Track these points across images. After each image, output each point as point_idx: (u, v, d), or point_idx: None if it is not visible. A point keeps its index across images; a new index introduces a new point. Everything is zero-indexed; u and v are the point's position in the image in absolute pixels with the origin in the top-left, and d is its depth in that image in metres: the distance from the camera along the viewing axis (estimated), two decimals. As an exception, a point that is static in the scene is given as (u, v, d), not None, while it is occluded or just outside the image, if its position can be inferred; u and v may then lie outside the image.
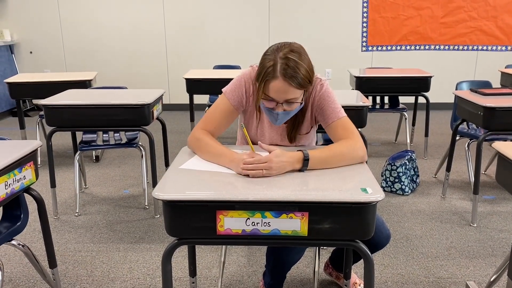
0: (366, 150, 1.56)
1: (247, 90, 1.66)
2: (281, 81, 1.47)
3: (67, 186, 3.41)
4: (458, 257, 2.38)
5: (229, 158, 1.47)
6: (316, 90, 1.64)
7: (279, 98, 1.51)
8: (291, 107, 1.55)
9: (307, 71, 1.48)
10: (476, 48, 5.71)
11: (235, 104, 1.66)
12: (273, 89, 1.50)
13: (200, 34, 5.82)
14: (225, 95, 1.67)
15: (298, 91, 1.51)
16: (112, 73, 5.89)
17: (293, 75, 1.45)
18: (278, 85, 1.48)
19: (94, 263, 2.35)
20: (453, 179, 3.49)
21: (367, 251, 1.28)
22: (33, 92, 3.80)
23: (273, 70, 1.47)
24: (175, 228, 1.28)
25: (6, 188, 1.54)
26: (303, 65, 1.48)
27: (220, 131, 1.68)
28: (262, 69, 1.51)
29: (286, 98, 1.51)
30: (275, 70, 1.47)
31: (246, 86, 1.66)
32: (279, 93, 1.50)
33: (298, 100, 1.54)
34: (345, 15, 5.69)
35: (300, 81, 1.47)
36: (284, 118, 1.60)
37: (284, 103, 1.53)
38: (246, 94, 1.67)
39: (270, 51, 1.52)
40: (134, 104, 2.65)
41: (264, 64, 1.51)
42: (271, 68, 1.47)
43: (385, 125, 5.23)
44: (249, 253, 2.43)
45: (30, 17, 5.82)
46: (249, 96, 1.67)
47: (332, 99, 1.64)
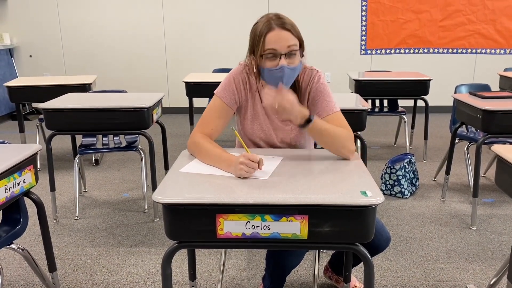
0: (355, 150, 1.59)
1: (237, 86, 1.68)
2: (279, 29, 1.53)
3: (66, 190, 3.41)
4: (458, 260, 2.38)
5: (227, 162, 1.47)
6: (314, 80, 1.66)
7: (281, 47, 1.53)
8: (293, 60, 1.56)
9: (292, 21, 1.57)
10: (475, 51, 5.73)
11: (228, 102, 1.68)
12: (272, 40, 1.53)
13: (199, 37, 5.83)
14: (217, 95, 1.69)
15: (295, 39, 1.55)
16: (112, 77, 5.90)
17: (288, 22, 1.54)
18: (277, 34, 1.53)
19: (94, 266, 2.35)
20: (452, 182, 3.49)
21: (367, 254, 1.28)
22: (32, 96, 3.80)
23: (267, 25, 1.54)
24: (175, 232, 1.28)
25: (6, 192, 1.54)
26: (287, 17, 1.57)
27: (218, 132, 1.69)
28: (256, 31, 1.57)
29: (287, 45, 1.53)
30: (270, 24, 1.54)
31: (236, 82, 1.68)
32: (280, 41, 1.53)
33: (298, 48, 1.56)
34: (344, 19, 5.71)
35: (295, 28, 1.55)
36: (290, 74, 1.57)
37: (286, 56, 1.54)
38: (237, 90, 1.68)
39: (257, 20, 1.60)
40: (133, 108, 2.65)
41: (257, 27, 1.57)
42: (265, 24, 1.54)
43: (384, 128, 5.24)
44: (249, 257, 2.43)
45: (29, 21, 5.83)
46: (240, 92, 1.69)
47: (327, 92, 1.66)
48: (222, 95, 1.68)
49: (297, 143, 1.75)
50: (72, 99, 2.90)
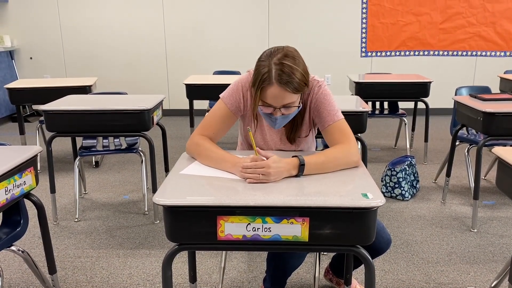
0: (360, 154, 1.57)
1: (244, 94, 1.66)
2: (277, 87, 1.47)
3: (66, 192, 3.41)
4: (459, 262, 2.38)
5: (231, 162, 1.47)
6: (314, 91, 1.65)
7: (276, 104, 1.52)
8: (289, 110, 1.55)
9: (302, 74, 1.49)
10: (475, 53, 5.73)
11: (233, 109, 1.66)
12: (269, 96, 1.50)
13: (200, 40, 5.84)
14: (223, 100, 1.67)
15: (295, 96, 1.51)
16: (112, 79, 5.90)
17: (288, 80, 1.46)
18: (274, 92, 1.48)
19: (94, 269, 2.34)
20: (453, 184, 3.49)
21: (368, 256, 1.28)
22: (33, 98, 3.80)
23: (268, 77, 1.47)
24: (176, 234, 1.28)
25: (6, 194, 1.54)
26: (298, 69, 1.48)
27: (218, 136, 1.68)
28: (257, 76, 1.51)
29: (283, 103, 1.51)
30: (270, 77, 1.47)
31: (243, 91, 1.66)
32: (276, 99, 1.50)
33: (296, 104, 1.55)
34: (345, 21, 5.72)
35: (296, 86, 1.47)
36: (283, 122, 1.60)
37: (282, 108, 1.53)
38: (244, 98, 1.67)
39: (264, 57, 1.53)
40: (134, 110, 2.65)
41: (259, 71, 1.51)
42: (266, 75, 1.47)
43: (385, 130, 5.24)
44: (249, 259, 2.42)
45: (30, 23, 5.84)
46: (246, 101, 1.67)
47: (329, 101, 1.63)
48: (227, 101, 1.66)
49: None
50: (72, 101, 2.90)
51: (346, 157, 1.52)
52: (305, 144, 1.76)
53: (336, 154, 1.53)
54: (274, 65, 1.47)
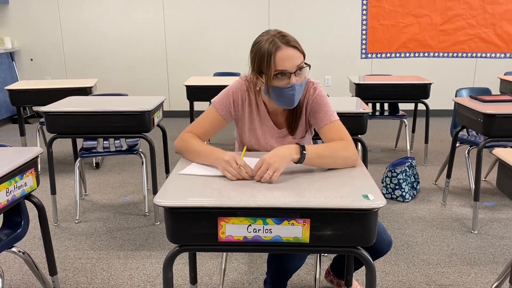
0: (358, 156, 1.57)
1: (235, 100, 1.68)
2: (287, 48, 1.50)
3: (67, 193, 3.41)
4: (459, 264, 2.38)
5: (215, 155, 1.49)
6: (310, 93, 1.66)
7: (291, 66, 1.51)
8: (301, 77, 1.55)
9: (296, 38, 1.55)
10: (475, 55, 5.74)
11: (223, 114, 1.68)
12: (282, 59, 1.50)
13: (200, 41, 5.84)
14: (214, 105, 1.69)
15: (302, 56, 1.54)
16: (113, 80, 5.91)
17: (292, 39, 1.52)
18: (286, 53, 1.50)
19: (94, 270, 2.34)
20: (453, 185, 3.49)
21: (369, 258, 1.28)
22: (33, 99, 3.81)
23: (274, 44, 1.50)
24: (177, 235, 1.28)
25: (7, 195, 1.54)
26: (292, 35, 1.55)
27: (206, 137, 1.70)
28: (262, 52, 1.52)
29: (297, 64, 1.52)
30: (276, 44, 1.50)
31: (234, 96, 1.68)
32: (290, 60, 1.51)
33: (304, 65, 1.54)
34: (345, 23, 5.72)
35: (300, 45, 1.53)
36: (299, 92, 1.57)
37: (297, 73, 1.53)
38: (234, 104, 1.68)
39: (259, 38, 1.56)
40: (134, 111, 2.66)
41: (261, 48, 1.53)
42: (271, 44, 1.51)
43: (385, 131, 5.24)
44: (250, 260, 2.42)
45: (30, 25, 5.84)
46: (237, 106, 1.69)
47: (325, 102, 1.65)
48: (218, 107, 1.68)
49: None
50: (73, 102, 2.90)
51: (345, 151, 1.52)
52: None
53: (336, 146, 1.54)
54: (274, 36, 1.52)
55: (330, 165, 1.51)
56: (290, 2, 5.66)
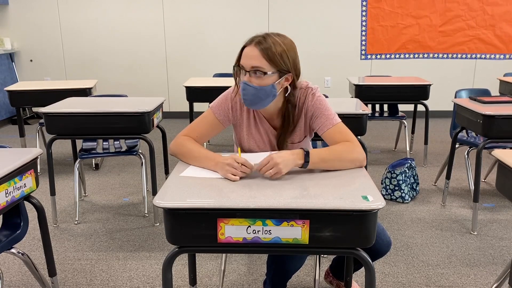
0: (365, 154, 1.56)
1: (233, 105, 1.69)
2: (251, 47, 1.53)
3: (66, 194, 3.41)
4: (459, 265, 2.38)
5: (214, 161, 1.49)
6: (308, 99, 1.65)
7: (246, 64, 1.54)
8: (259, 81, 1.53)
9: (283, 50, 1.52)
10: (474, 56, 5.74)
11: (221, 118, 1.69)
12: (244, 55, 1.55)
13: (200, 42, 5.85)
14: (212, 110, 1.69)
15: (266, 63, 1.51)
16: (112, 81, 5.91)
17: (264, 43, 1.51)
18: (247, 50, 1.54)
19: (94, 271, 2.34)
20: (453, 187, 3.49)
21: (369, 259, 1.28)
22: (33, 100, 3.81)
23: (247, 41, 1.54)
24: (176, 236, 1.28)
25: (6, 196, 1.54)
26: (280, 44, 1.52)
27: (203, 141, 1.70)
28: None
29: (251, 65, 1.52)
30: (252, 40, 1.53)
31: (233, 101, 1.69)
32: (247, 58, 1.54)
33: (265, 70, 1.52)
34: (344, 24, 5.73)
35: (269, 52, 1.50)
36: (249, 93, 1.54)
37: (251, 73, 1.53)
38: (232, 109, 1.69)
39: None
40: (134, 112, 2.66)
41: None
42: (249, 40, 1.54)
43: (385, 133, 5.24)
44: (249, 262, 2.42)
45: (30, 26, 5.84)
46: (236, 111, 1.69)
47: (325, 106, 1.64)
48: (216, 111, 1.69)
49: None
50: (72, 103, 2.90)
51: (350, 153, 1.53)
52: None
53: (341, 148, 1.54)
54: (256, 35, 1.55)
55: (336, 168, 1.51)
56: (289, 3, 5.66)
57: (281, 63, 1.53)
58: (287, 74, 1.56)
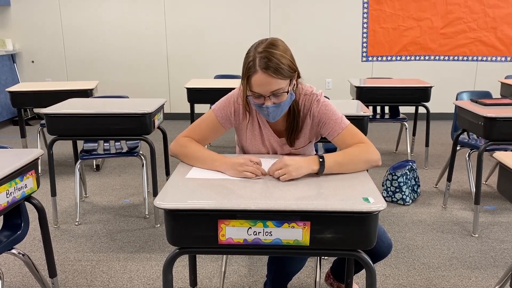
0: (379, 155, 1.56)
1: (236, 109, 1.67)
2: (262, 74, 1.48)
3: (67, 195, 3.41)
4: (460, 267, 2.37)
5: (221, 161, 1.50)
6: (314, 106, 1.64)
7: (264, 92, 1.51)
8: (279, 99, 1.53)
9: (288, 60, 1.51)
10: (476, 58, 5.74)
11: (223, 121, 1.67)
12: (255, 84, 1.50)
13: (201, 43, 5.85)
14: (214, 112, 1.68)
15: (281, 81, 1.50)
16: (114, 83, 5.91)
17: (272, 66, 1.47)
18: (259, 78, 1.49)
19: (94, 272, 2.34)
20: (454, 189, 3.49)
21: (369, 261, 1.28)
22: (34, 101, 3.81)
23: (253, 65, 1.49)
24: (177, 237, 1.28)
25: (7, 197, 1.54)
26: (283, 55, 1.50)
27: (204, 143, 1.69)
28: (243, 68, 1.53)
29: (270, 90, 1.51)
30: (255, 65, 1.49)
31: (235, 105, 1.67)
32: (262, 86, 1.50)
33: (285, 90, 1.53)
34: (346, 26, 5.73)
35: (281, 71, 1.48)
36: (276, 111, 1.56)
37: (271, 96, 1.52)
38: (235, 113, 1.67)
39: (250, 49, 1.55)
40: (135, 113, 2.66)
41: (245, 62, 1.53)
42: (251, 63, 1.50)
43: (386, 135, 5.24)
44: (250, 263, 2.42)
45: (32, 27, 5.85)
46: (238, 115, 1.68)
47: (332, 111, 1.63)
48: (218, 114, 1.67)
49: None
50: (74, 104, 2.90)
51: (365, 154, 1.53)
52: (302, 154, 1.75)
53: (355, 151, 1.54)
54: (258, 54, 1.49)
55: (352, 170, 1.51)
56: (291, 5, 5.67)
57: (290, 72, 1.52)
58: (294, 76, 1.57)
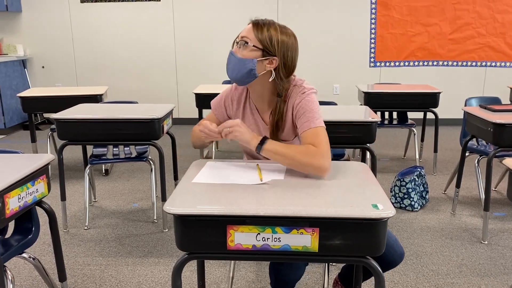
0: (329, 165, 1.48)
1: (226, 102, 1.80)
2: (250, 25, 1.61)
3: (76, 200, 3.44)
4: (469, 275, 2.35)
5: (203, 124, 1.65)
6: (296, 98, 1.63)
7: (238, 37, 1.62)
8: (242, 52, 1.59)
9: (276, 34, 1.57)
10: (484, 64, 5.71)
11: (220, 116, 1.83)
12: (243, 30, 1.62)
13: (209, 49, 5.88)
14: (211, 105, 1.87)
15: (253, 35, 1.57)
16: (123, 88, 5.96)
17: (261, 22, 1.59)
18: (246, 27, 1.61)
19: (103, 277, 2.35)
20: (462, 195, 3.46)
21: (378, 268, 1.27)
22: (45, 106, 3.85)
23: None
24: (186, 243, 1.29)
25: (19, 201, 1.56)
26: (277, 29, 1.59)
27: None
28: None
29: (242, 35, 1.60)
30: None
31: (226, 104, 1.80)
32: (242, 32, 1.62)
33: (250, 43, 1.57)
34: (353, 32, 5.73)
35: (260, 28, 1.57)
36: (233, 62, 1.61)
37: (240, 44, 1.60)
38: (226, 106, 1.81)
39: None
40: (144, 119, 2.68)
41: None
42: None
43: (394, 140, 5.22)
44: (258, 269, 2.42)
45: (42, 33, 5.93)
46: (229, 106, 1.80)
47: (311, 108, 1.60)
48: (213, 109, 1.85)
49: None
50: (83, 109, 2.93)
51: (307, 156, 1.48)
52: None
53: (299, 149, 1.53)
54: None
55: (287, 165, 1.55)
56: (299, 10, 5.69)
57: (268, 43, 1.57)
58: (271, 57, 1.59)
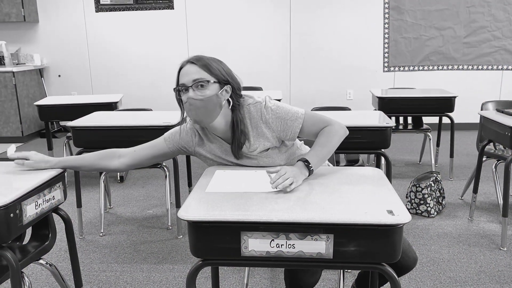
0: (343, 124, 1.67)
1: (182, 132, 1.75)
2: (187, 65, 1.59)
3: (92, 206, 3.47)
4: (488, 282, 2.31)
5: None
6: (263, 112, 1.63)
7: (187, 81, 1.57)
8: (202, 92, 1.56)
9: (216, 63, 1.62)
10: (501, 67, 5.63)
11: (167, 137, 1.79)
12: (182, 75, 1.59)
13: (222, 57, 5.89)
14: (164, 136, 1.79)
15: (205, 73, 1.57)
16: (137, 96, 6.02)
17: (196, 59, 1.59)
18: (184, 70, 1.58)
19: (118, 283, 2.37)
20: (480, 201, 3.40)
21: (394, 274, 1.26)
22: (61, 114, 3.91)
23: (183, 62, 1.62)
24: (200, 249, 1.29)
25: (36, 208, 1.58)
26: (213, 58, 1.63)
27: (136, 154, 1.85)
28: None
29: (193, 78, 1.56)
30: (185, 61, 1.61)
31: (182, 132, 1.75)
32: (186, 75, 1.58)
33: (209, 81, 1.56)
34: (367, 36, 5.71)
35: (205, 63, 1.58)
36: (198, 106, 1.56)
37: (194, 87, 1.56)
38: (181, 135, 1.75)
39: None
40: (159, 126, 2.70)
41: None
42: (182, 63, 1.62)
43: (409, 145, 5.17)
44: (272, 275, 2.41)
45: (59, 43, 6.03)
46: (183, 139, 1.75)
47: (283, 109, 1.65)
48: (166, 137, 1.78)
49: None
50: (99, 117, 2.97)
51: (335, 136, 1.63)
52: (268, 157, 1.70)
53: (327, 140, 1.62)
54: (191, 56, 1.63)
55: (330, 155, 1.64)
56: (311, 16, 5.69)
57: (219, 73, 1.60)
58: (226, 86, 1.61)
